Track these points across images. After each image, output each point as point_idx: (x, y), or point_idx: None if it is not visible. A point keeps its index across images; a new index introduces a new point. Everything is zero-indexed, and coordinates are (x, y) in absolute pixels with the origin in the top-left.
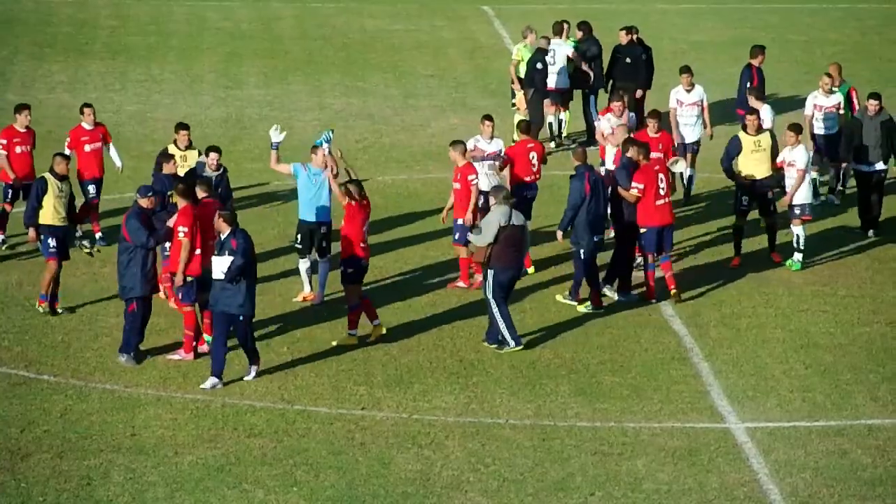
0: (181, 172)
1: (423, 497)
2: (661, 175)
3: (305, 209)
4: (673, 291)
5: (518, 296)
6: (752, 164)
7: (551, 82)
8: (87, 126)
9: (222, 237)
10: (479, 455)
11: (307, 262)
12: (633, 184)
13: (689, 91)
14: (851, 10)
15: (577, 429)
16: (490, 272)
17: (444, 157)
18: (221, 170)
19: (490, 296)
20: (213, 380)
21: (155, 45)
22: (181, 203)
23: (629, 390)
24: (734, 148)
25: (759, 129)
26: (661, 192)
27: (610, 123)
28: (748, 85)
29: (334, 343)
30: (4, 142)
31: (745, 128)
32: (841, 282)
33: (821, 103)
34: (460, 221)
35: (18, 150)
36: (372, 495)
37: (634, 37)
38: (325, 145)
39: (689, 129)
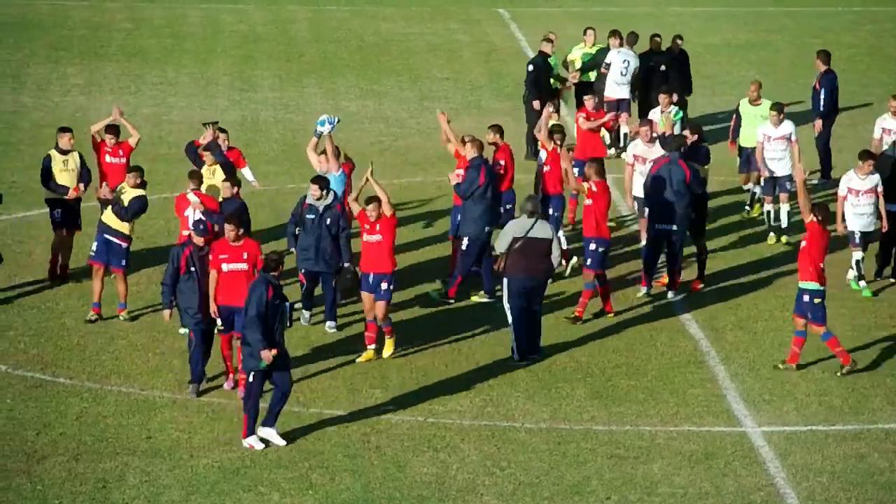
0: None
1: (438, 500)
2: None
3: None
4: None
5: None
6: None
7: (617, 92)
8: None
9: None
10: (495, 458)
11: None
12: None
13: (776, 126)
14: (866, 12)
15: (593, 432)
16: (504, 281)
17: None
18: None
19: (505, 303)
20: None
21: (170, 48)
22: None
23: (645, 394)
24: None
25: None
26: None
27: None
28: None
29: (385, 354)
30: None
31: None
32: (855, 288)
33: (889, 126)
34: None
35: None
36: (387, 498)
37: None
38: (328, 126)
39: (776, 162)
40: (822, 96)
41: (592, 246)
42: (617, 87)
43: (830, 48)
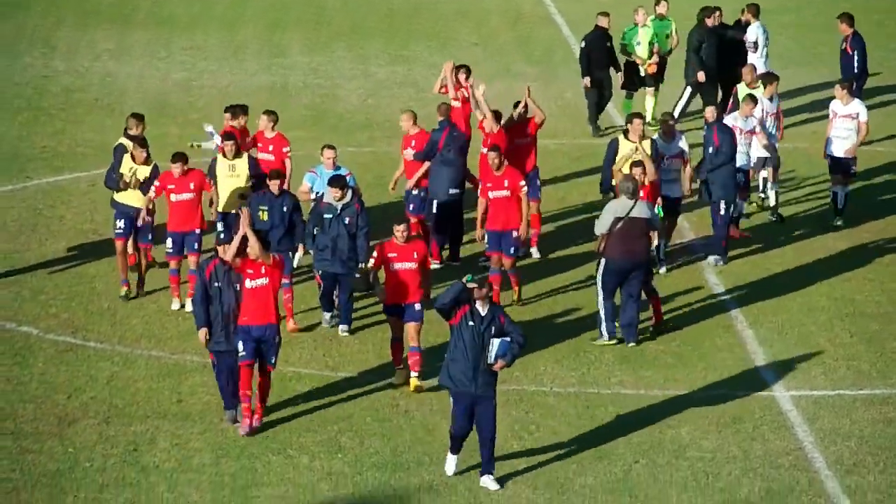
0: (230, 183)
1: (466, 464)
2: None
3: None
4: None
5: (563, 265)
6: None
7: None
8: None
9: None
10: (524, 422)
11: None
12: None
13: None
14: None
15: (621, 396)
16: (601, 262)
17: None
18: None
19: (599, 285)
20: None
21: (199, 14)
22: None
23: (673, 358)
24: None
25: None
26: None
27: None
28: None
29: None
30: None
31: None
32: (888, 250)
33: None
34: (415, 192)
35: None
36: (416, 462)
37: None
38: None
39: (841, 141)
40: (854, 59)
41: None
42: (759, 60)
43: (857, 12)
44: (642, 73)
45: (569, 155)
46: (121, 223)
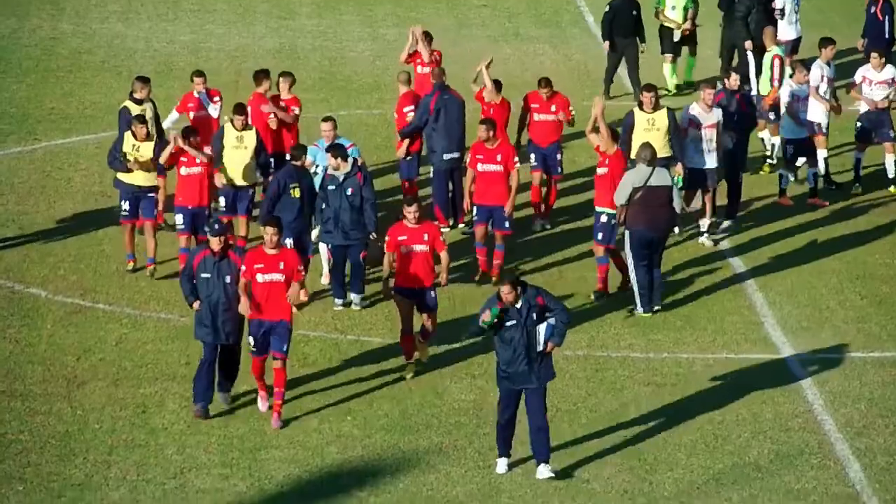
0: (237, 155)
1: (475, 427)
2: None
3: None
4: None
5: (571, 230)
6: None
7: (788, 33)
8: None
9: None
10: None
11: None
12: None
13: (879, 71)
14: None
15: (631, 360)
16: (626, 233)
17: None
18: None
19: (628, 255)
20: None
21: None
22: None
23: (682, 321)
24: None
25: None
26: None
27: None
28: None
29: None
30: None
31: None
32: None
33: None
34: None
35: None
36: (425, 425)
37: None
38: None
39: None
40: (885, 24)
41: (604, 218)
42: (789, 27)
43: None
44: (676, 38)
45: (576, 117)
46: (126, 205)
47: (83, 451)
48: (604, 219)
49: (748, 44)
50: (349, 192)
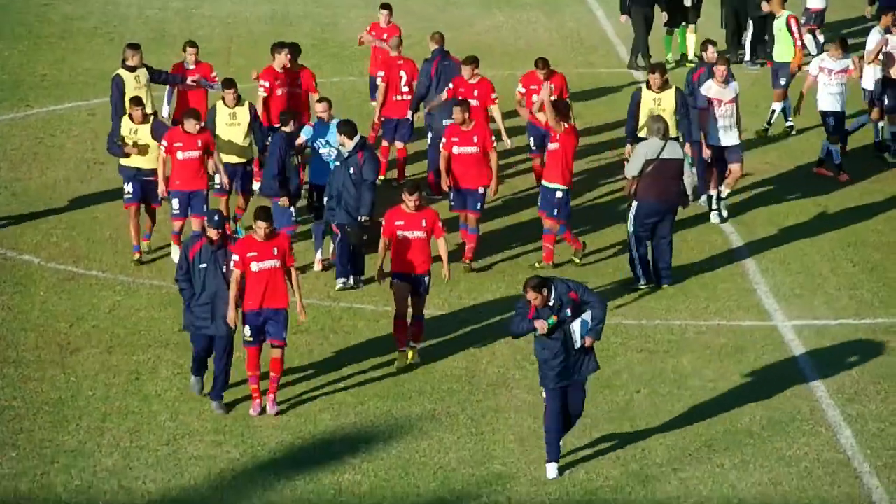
0: (231, 132)
1: (468, 394)
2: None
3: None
4: (574, 251)
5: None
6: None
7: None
8: (188, 66)
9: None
10: (525, 352)
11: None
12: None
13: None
14: None
15: (623, 327)
16: (633, 205)
17: (491, 55)
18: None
19: (630, 229)
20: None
21: None
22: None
23: (675, 288)
24: None
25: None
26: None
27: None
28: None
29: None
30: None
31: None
32: (890, 180)
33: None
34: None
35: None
36: (418, 391)
37: None
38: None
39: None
40: None
41: (560, 195)
42: None
43: None
44: (688, 3)
45: (571, 84)
46: (129, 188)
47: (76, 418)
48: (559, 195)
49: (765, 5)
50: (351, 170)
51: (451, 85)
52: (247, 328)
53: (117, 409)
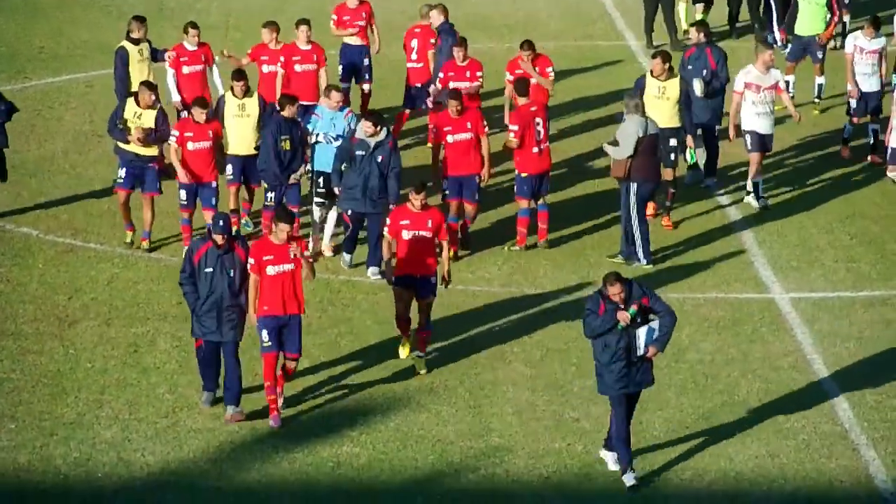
0: (240, 124)
1: (467, 367)
2: (538, 119)
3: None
4: (542, 241)
5: (560, 175)
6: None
7: None
8: (189, 47)
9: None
10: (523, 326)
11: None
12: (511, 127)
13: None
14: None
15: None
16: (632, 186)
17: (490, 27)
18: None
19: (633, 211)
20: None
21: None
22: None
23: (673, 261)
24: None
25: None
26: (538, 138)
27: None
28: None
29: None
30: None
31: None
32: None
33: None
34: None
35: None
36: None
37: None
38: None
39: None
40: None
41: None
42: None
43: None
44: None
45: (570, 57)
46: (122, 172)
47: (75, 390)
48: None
49: None
50: (379, 159)
51: (441, 74)
52: (264, 333)
53: (116, 381)
